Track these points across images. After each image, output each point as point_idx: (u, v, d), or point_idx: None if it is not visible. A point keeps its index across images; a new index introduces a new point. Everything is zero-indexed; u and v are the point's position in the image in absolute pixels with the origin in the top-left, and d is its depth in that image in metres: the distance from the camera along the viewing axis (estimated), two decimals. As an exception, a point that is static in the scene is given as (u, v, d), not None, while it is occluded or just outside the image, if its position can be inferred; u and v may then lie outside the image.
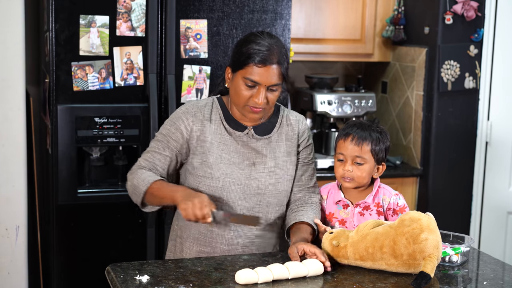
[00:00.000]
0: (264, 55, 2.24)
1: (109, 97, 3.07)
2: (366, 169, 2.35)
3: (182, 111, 2.37)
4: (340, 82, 4.24)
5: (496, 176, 3.88)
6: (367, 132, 2.36)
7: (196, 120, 2.34)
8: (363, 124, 2.40)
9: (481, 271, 2.24)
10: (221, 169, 2.31)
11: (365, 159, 2.34)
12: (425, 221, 2.09)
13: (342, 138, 2.38)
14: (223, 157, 2.33)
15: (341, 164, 2.38)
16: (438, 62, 3.71)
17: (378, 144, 2.36)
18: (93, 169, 3.21)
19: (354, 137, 2.35)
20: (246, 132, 2.37)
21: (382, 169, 2.40)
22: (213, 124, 2.35)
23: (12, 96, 3.09)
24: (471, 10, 3.67)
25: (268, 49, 2.25)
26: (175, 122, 2.35)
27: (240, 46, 2.31)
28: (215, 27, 3.16)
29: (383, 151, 2.37)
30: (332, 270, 2.14)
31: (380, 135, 2.38)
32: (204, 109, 2.36)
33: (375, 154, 2.35)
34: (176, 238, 2.44)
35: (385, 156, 2.40)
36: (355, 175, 2.35)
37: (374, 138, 2.35)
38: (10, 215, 3.15)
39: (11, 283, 3.19)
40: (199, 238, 2.36)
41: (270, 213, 2.37)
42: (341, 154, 2.37)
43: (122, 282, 1.99)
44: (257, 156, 2.36)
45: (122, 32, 3.05)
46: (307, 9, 3.85)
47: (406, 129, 3.97)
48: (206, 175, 2.31)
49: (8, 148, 3.11)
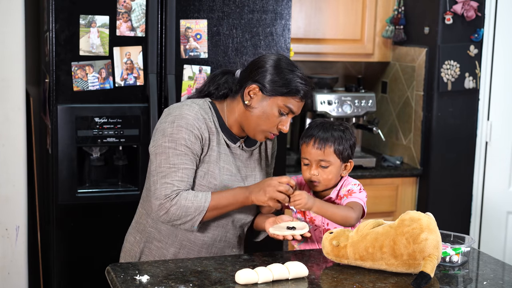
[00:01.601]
0: (307, 91, 2.26)
1: (109, 97, 3.07)
2: (332, 171, 2.35)
3: (193, 117, 2.23)
4: (340, 82, 4.24)
5: (496, 176, 3.88)
6: (328, 133, 2.34)
7: (206, 127, 2.26)
8: (325, 124, 2.38)
9: (481, 271, 2.24)
10: (224, 181, 2.29)
11: (329, 161, 2.34)
12: (425, 221, 2.09)
13: (304, 142, 2.37)
14: (225, 168, 2.30)
15: (307, 168, 2.37)
16: (438, 62, 3.71)
17: (341, 143, 2.34)
18: (93, 169, 3.21)
19: (315, 141, 2.34)
20: (238, 145, 2.35)
21: (350, 166, 2.40)
22: (216, 132, 2.30)
23: (12, 96, 3.09)
24: (471, 10, 3.67)
25: (309, 84, 2.27)
26: (192, 130, 2.22)
27: (281, 72, 2.24)
28: (215, 27, 3.16)
29: (348, 148, 2.36)
30: (332, 270, 2.15)
31: (343, 133, 2.36)
32: (208, 114, 2.28)
33: (339, 154, 2.34)
34: (153, 241, 2.36)
35: (352, 153, 2.38)
36: (322, 178, 2.35)
37: (336, 137, 2.34)
38: (10, 215, 3.15)
39: (11, 283, 3.19)
40: (187, 246, 2.34)
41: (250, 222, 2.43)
42: (305, 159, 2.36)
43: (122, 282, 1.99)
44: (247, 169, 2.38)
45: (122, 32, 3.05)
46: (307, 9, 3.85)
47: (406, 129, 3.97)
48: (210, 185, 2.27)
49: (8, 148, 3.11)
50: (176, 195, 2.19)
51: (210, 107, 2.31)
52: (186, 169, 2.21)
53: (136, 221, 2.45)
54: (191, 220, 2.21)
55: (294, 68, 2.26)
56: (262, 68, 2.25)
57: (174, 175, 2.20)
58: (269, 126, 2.26)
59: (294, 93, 2.22)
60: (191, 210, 2.19)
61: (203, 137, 2.24)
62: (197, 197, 2.20)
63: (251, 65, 2.30)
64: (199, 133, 2.23)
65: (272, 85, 2.22)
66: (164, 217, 2.21)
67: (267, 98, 2.23)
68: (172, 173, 2.20)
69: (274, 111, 2.23)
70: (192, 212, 2.20)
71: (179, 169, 2.20)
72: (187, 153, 2.21)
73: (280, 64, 2.25)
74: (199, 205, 2.19)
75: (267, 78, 2.23)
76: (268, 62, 2.26)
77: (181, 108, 2.25)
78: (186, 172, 2.21)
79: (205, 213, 2.20)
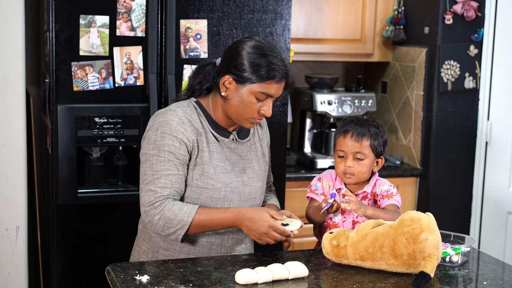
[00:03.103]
0: (284, 71, 2.20)
1: (109, 97, 3.07)
2: (367, 164, 2.41)
3: (177, 122, 2.21)
4: (340, 82, 4.24)
5: (496, 176, 3.88)
6: (365, 128, 2.42)
7: (193, 130, 2.24)
8: (361, 120, 2.46)
9: (481, 271, 2.24)
10: (221, 180, 2.26)
11: (365, 154, 2.40)
12: (425, 221, 2.09)
13: (341, 135, 2.43)
14: (219, 167, 2.27)
15: (341, 160, 2.43)
16: (438, 62, 3.71)
17: (376, 138, 2.42)
18: (93, 169, 3.21)
19: (353, 134, 2.41)
20: (231, 138, 2.32)
21: (381, 162, 2.48)
22: (204, 132, 2.27)
23: (12, 96, 3.09)
24: (471, 10, 3.67)
25: (285, 64, 2.21)
26: (176, 136, 2.20)
27: (252, 58, 2.19)
28: (215, 27, 3.16)
29: (381, 145, 2.44)
30: (332, 270, 2.15)
31: (378, 129, 2.45)
32: (194, 117, 2.26)
33: (374, 149, 2.42)
34: (159, 250, 2.32)
35: (383, 149, 2.47)
36: (356, 170, 2.40)
37: (372, 133, 2.42)
38: (10, 215, 3.15)
39: (11, 283, 3.18)
40: (196, 250, 2.31)
41: None
42: (341, 151, 2.42)
43: (122, 282, 1.99)
44: (244, 162, 2.34)
45: (122, 32, 3.05)
46: (307, 9, 3.85)
47: (406, 129, 3.97)
48: (208, 186, 2.25)
49: (8, 148, 3.11)
50: (160, 203, 2.18)
51: (196, 107, 2.29)
52: (170, 175, 2.19)
53: (140, 229, 2.42)
54: (175, 233, 2.19)
55: (267, 51, 2.19)
56: (234, 57, 2.21)
57: (157, 181, 2.19)
58: (250, 114, 2.22)
59: (267, 78, 2.18)
60: (174, 222, 2.17)
61: (190, 140, 2.22)
62: (182, 210, 2.17)
63: (225, 53, 2.26)
64: (185, 137, 2.21)
65: (244, 73, 2.18)
66: (149, 225, 2.21)
67: (241, 87, 2.20)
68: (155, 180, 2.19)
69: (251, 99, 2.20)
70: (175, 225, 2.17)
71: (162, 176, 2.19)
72: (171, 159, 2.19)
73: (251, 50, 2.19)
74: (181, 219, 2.16)
75: (240, 67, 2.19)
76: (240, 49, 2.20)
77: (165, 114, 2.24)
78: (170, 179, 2.19)
79: (187, 227, 2.17)
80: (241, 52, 2.20)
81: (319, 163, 3.74)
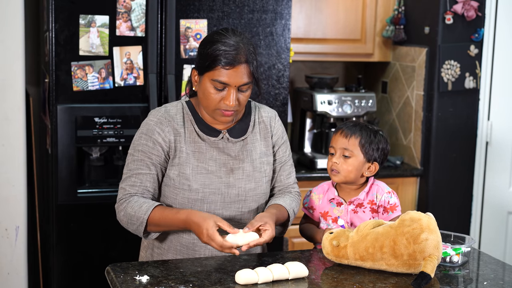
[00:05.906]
0: (231, 55, 2.15)
1: (109, 97, 3.07)
2: (354, 163, 2.38)
3: (155, 122, 2.24)
4: (340, 82, 4.24)
5: (496, 176, 3.88)
6: (357, 127, 2.40)
7: (171, 130, 2.23)
8: (359, 123, 2.44)
9: (481, 271, 2.24)
10: (199, 180, 2.23)
11: (352, 152, 2.38)
12: (425, 221, 2.09)
13: (334, 133, 2.44)
14: (199, 167, 2.24)
15: (331, 157, 2.43)
16: (438, 62, 3.71)
17: (369, 141, 2.38)
18: (93, 169, 3.21)
19: (343, 131, 2.41)
20: (221, 137, 2.28)
21: (374, 168, 2.41)
22: (187, 132, 2.25)
23: (12, 96, 3.09)
24: (471, 10, 3.67)
25: (235, 49, 2.16)
26: (150, 136, 2.22)
27: (204, 47, 2.19)
28: (215, 27, 3.15)
29: (375, 150, 2.39)
30: (332, 270, 2.14)
31: (374, 134, 2.40)
32: (176, 117, 2.25)
33: (364, 150, 2.38)
34: (154, 248, 2.34)
35: (379, 157, 2.40)
36: (341, 168, 2.38)
37: (364, 134, 2.39)
38: (10, 215, 3.15)
39: (11, 283, 3.18)
40: (181, 250, 2.29)
41: (252, 219, 2.24)
42: (331, 147, 2.43)
43: (122, 282, 1.99)
44: (234, 162, 2.28)
45: (122, 32, 3.05)
46: (307, 9, 3.85)
47: (406, 129, 3.97)
48: (184, 187, 2.23)
49: (8, 148, 3.11)
50: (125, 200, 2.22)
51: (183, 107, 2.29)
52: (140, 174, 2.22)
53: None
54: (137, 230, 2.22)
55: (214, 39, 2.18)
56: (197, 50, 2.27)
57: (128, 180, 2.24)
58: (213, 105, 2.19)
59: (214, 65, 2.15)
60: (134, 219, 2.19)
61: (166, 141, 2.23)
62: (141, 208, 2.18)
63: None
64: (160, 138, 2.22)
65: (198, 64, 2.22)
66: (119, 221, 2.26)
67: (201, 78, 2.21)
68: (127, 178, 2.24)
69: (209, 89, 2.18)
70: (135, 221, 2.20)
71: (132, 175, 2.23)
72: (143, 159, 2.23)
73: (202, 41, 2.23)
74: (139, 216, 2.18)
75: (196, 59, 2.24)
76: (201, 42, 2.25)
77: (149, 115, 2.29)
78: (139, 177, 2.22)
79: (145, 225, 2.18)
80: (200, 43, 2.25)
81: (319, 163, 3.74)
